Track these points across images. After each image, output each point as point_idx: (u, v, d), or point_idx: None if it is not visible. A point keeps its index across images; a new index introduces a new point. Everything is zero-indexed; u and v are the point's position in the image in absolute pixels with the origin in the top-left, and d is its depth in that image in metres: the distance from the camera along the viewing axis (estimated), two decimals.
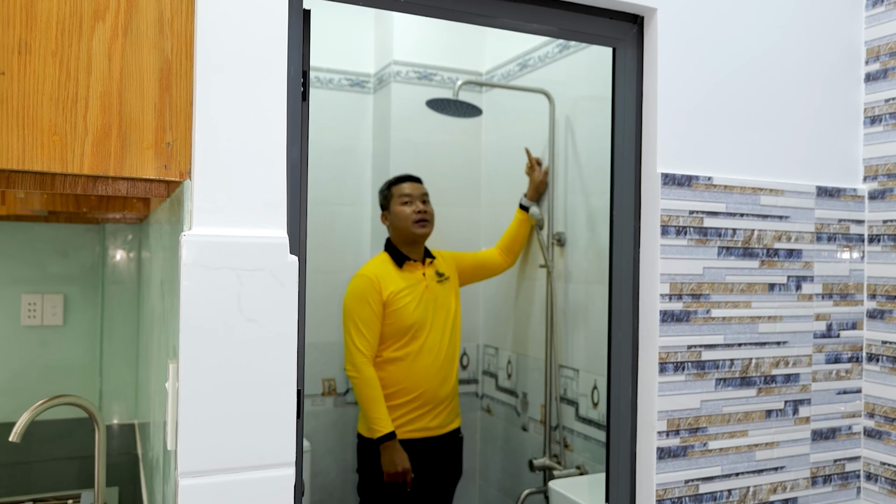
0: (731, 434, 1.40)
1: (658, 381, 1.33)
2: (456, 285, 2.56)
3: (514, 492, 2.85)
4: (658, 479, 1.34)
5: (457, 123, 3.03)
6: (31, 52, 0.88)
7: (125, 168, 0.92)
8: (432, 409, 2.42)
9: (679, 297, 1.35)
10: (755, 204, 1.42)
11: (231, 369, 0.93)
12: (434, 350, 2.41)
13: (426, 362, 2.39)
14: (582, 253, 2.49)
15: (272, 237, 0.96)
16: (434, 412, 2.42)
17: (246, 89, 0.97)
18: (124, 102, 0.92)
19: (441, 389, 2.43)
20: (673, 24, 1.36)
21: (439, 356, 2.42)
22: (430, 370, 2.39)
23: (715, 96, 1.40)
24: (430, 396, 2.40)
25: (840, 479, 1.52)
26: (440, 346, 2.43)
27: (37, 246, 2.39)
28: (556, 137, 2.62)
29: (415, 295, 2.40)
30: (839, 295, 1.52)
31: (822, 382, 1.50)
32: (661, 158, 1.34)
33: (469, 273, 2.65)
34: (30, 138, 0.88)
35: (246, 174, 0.97)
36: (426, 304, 2.42)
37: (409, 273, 2.43)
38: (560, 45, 2.60)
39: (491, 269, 2.68)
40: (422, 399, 2.40)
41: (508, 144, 3.00)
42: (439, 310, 2.45)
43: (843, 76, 1.54)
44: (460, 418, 2.57)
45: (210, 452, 0.92)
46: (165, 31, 0.94)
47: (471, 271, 2.65)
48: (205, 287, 0.91)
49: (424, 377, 2.38)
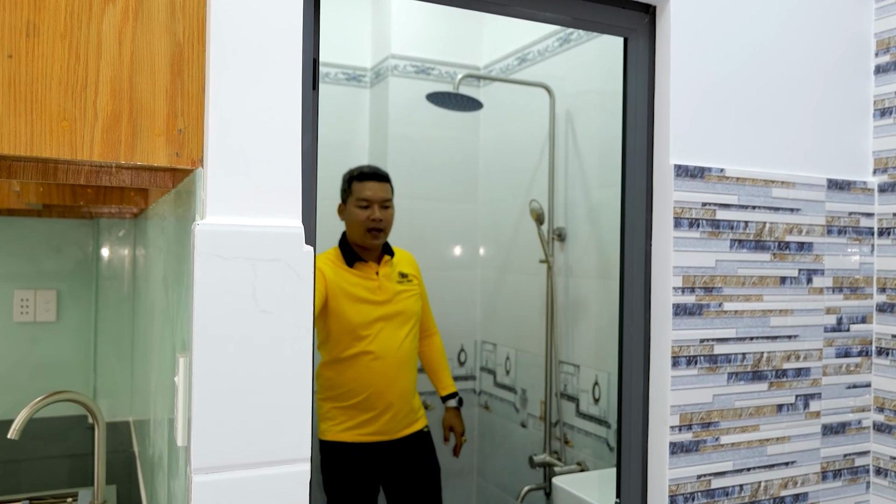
0: (743, 428, 1.39)
1: (671, 376, 1.32)
2: (420, 287, 2.40)
3: (512, 488, 2.83)
4: (671, 474, 1.32)
5: (455, 118, 3.01)
6: (39, 35, 0.85)
7: (136, 155, 0.89)
8: (383, 413, 2.26)
9: (692, 290, 1.34)
10: (767, 196, 1.41)
11: (245, 362, 0.91)
12: (384, 352, 2.24)
13: (374, 365, 2.23)
14: (583, 248, 2.48)
15: (288, 226, 0.93)
16: (387, 415, 2.26)
17: (260, 75, 0.95)
18: (135, 88, 0.89)
19: (389, 392, 2.25)
20: (685, 14, 1.34)
21: (389, 359, 2.25)
22: (378, 373, 2.24)
23: (726, 87, 1.39)
24: (377, 400, 2.25)
25: (850, 473, 1.51)
26: (391, 349, 2.26)
27: (29, 241, 2.36)
28: (557, 132, 2.60)
29: (362, 295, 2.25)
30: (849, 288, 1.51)
31: (833, 377, 1.49)
32: (674, 150, 1.33)
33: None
34: (38, 124, 0.85)
35: (260, 162, 0.94)
36: (376, 305, 2.26)
37: (360, 272, 2.27)
38: (560, 38, 2.58)
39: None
40: (369, 402, 2.25)
41: (507, 139, 2.98)
42: (394, 311, 2.28)
43: (853, 68, 1.53)
44: (425, 418, 2.42)
45: (224, 448, 0.90)
46: (177, 15, 0.91)
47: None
48: (219, 278, 0.89)
49: (371, 380, 2.24)
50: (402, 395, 2.29)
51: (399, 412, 2.29)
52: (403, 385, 2.29)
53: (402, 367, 2.28)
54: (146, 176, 1.10)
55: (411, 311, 2.33)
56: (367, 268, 2.29)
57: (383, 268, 2.32)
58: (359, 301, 2.24)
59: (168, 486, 1.23)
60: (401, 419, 2.30)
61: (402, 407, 2.30)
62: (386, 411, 2.26)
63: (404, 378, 2.30)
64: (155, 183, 1.11)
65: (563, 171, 2.57)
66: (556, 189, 2.59)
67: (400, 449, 2.32)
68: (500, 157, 3.03)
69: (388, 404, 2.26)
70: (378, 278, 2.29)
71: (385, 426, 2.27)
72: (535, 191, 2.71)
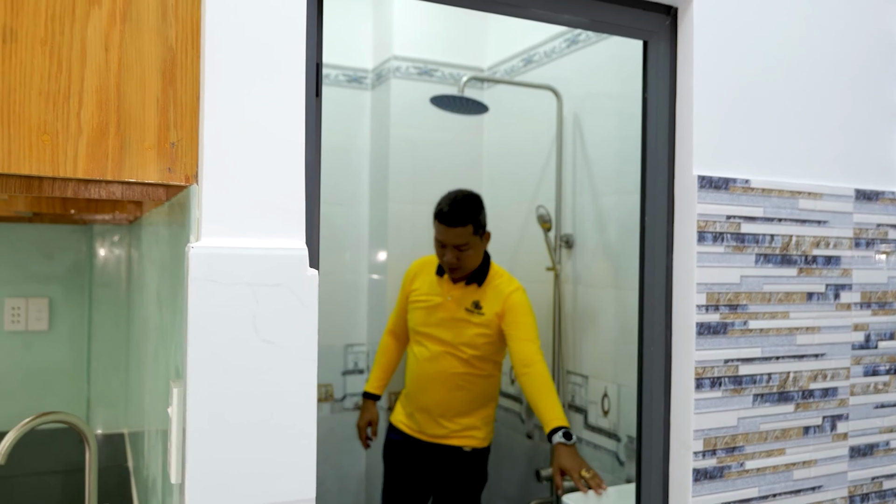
0: (769, 453, 1.32)
1: (694, 398, 1.25)
2: (492, 323, 2.27)
3: (518, 501, 2.76)
4: (693, 502, 1.25)
5: (458, 121, 2.94)
6: (17, 41, 0.77)
7: (124, 171, 0.82)
8: (418, 412, 2.38)
9: (716, 308, 1.26)
10: (793, 208, 1.34)
11: (245, 396, 0.83)
12: (427, 362, 2.34)
13: (415, 368, 2.39)
14: (591, 255, 2.40)
15: (290, 249, 0.86)
16: (421, 416, 2.38)
17: (259, 83, 0.87)
18: (123, 97, 0.82)
19: (422, 398, 2.35)
20: (708, 16, 1.27)
21: (426, 368, 2.33)
22: (417, 376, 2.37)
23: (751, 93, 1.31)
24: (414, 398, 2.40)
25: (878, 497, 1.44)
26: (434, 363, 2.32)
27: (20, 248, 2.29)
28: (564, 135, 2.53)
29: (426, 303, 2.37)
30: (877, 304, 1.44)
31: (860, 396, 1.42)
32: (697, 160, 1.26)
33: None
34: (16, 138, 0.77)
35: (260, 177, 0.86)
36: (432, 318, 2.34)
37: (440, 285, 2.35)
38: (568, 40, 2.51)
39: (510, 352, 2.31)
40: (411, 396, 2.42)
41: (512, 143, 2.90)
42: (448, 331, 2.31)
43: (881, 73, 1.46)
44: (477, 440, 2.37)
45: (222, 489, 0.82)
46: (169, 18, 0.84)
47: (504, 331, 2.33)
48: (216, 305, 0.81)
49: (412, 379, 2.41)
50: (438, 406, 2.34)
51: (433, 420, 2.36)
52: (437, 398, 2.34)
53: (435, 382, 2.33)
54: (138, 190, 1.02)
55: (463, 342, 2.29)
56: (447, 284, 2.34)
57: (457, 290, 2.32)
58: (421, 307, 2.38)
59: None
60: (435, 427, 2.36)
61: (438, 417, 2.35)
62: (421, 411, 2.37)
63: (436, 393, 2.33)
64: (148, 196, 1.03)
65: (570, 176, 2.50)
66: (564, 194, 2.52)
67: (434, 454, 2.39)
68: (504, 162, 2.95)
69: (422, 406, 2.36)
70: (447, 297, 2.33)
71: (421, 426, 2.38)
72: (541, 196, 2.63)
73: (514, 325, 2.22)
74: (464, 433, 2.38)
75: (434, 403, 2.34)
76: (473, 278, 2.30)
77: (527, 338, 2.20)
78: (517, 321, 2.22)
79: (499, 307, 2.26)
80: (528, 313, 2.24)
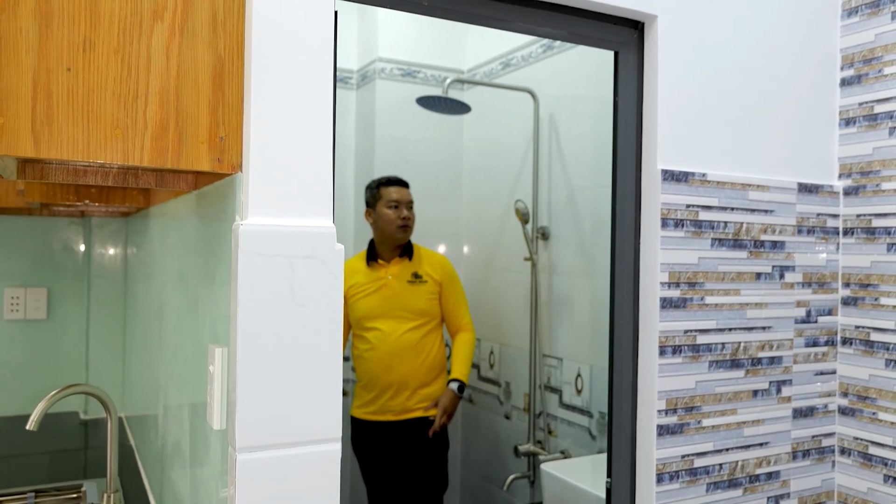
0: (723, 412, 1.51)
1: (658, 364, 1.43)
2: (434, 289, 2.64)
3: (496, 478, 2.94)
4: (657, 454, 1.44)
5: (440, 120, 3.10)
6: (94, 50, 0.92)
7: (182, 161, 0.97)
8: (383, 393, 2.57)
9: (677, 286, 1.45)
10: (744, 199, 1.53)
11: (283, 351, 0.99)
12: (386, 344, 2.55)
13: (372, 354, 2.57)
14: (565, 246, 2.59)
15: (321, 227, 1.02)
16: (386, 395, 2.57)
17: (294, 87, 1.03)
18: (181, 98, 0.97)
19: (386, 376, 2.56)
20: (673, 31, 1.45)
21: (384, 349, 2.55)
22: (380, 358, 2.56)
23: (708, 98, 1.50)
24: (376, 382, 2.58)
25: (817, 453, 1.65)
26: (389, 340, 2.55)
27: (19, 239, 2.37)
28: (541, 134, 2.71)
29: (368, 290, 2.59)
30: (817, 283, 1.64)
31: (802, 364, 1.62)
32: (661, 155, 1.44)
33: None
34: (94, 132, 0.92)
35: (296, 167, 1.02)
36: (380, 300, 2.57)
37: (373, 271, 2.61)
38: (544, 45, 2.69)
39: (444, 314, 2.71)
40: (371, 385, 2.60)
41: (491, 141, 3.08)
42: (400, 306, 2.57)
43: (821, 81, 1.66)
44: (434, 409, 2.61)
45: (265, 429, 0.98)
46: (219, 31, 0.99)
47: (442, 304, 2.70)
48: (260, 274, 0.97)
49: (371, 365, 2.58)
50: (404, 379, 2.56)
51: (399, 396, 2.57)
52: (401, 372, 2.55)
53: (399, 356, 2.54)
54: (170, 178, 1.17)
55: (419, 309, 2.57)
56: (380, 267, 2.61)
57: (393, 267, 2.60)
58: (361, 297, 2.58)
59: (191, 474, 1.31)
60: (401, 402, 2.57)
61: (404, 390, 2.57)
62: (387, 389, 2.57)
63: (401, 366, 2.55)
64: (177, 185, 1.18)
65: (546, 172, 2.68)
66: (541, 190, 2.70)
67: (402, 429, 2.59)
68: (484, 159, 3.13)
69: (387, 384, 2.57)
70: (385, 276, 2.58)
71: (385, 407, 2.59)
72: (519, 191, 2.81)
73: (452, 292, 2.69)
74: (426, 403, 2.64)
75: (400, 379, 2.57)
76: (404, 253, 2.61)
77: (460, 302, 2.69)
78: (454, 287, 2.70)
79: (437, 274, 2.64)
80: (459, 280, 2.75)
